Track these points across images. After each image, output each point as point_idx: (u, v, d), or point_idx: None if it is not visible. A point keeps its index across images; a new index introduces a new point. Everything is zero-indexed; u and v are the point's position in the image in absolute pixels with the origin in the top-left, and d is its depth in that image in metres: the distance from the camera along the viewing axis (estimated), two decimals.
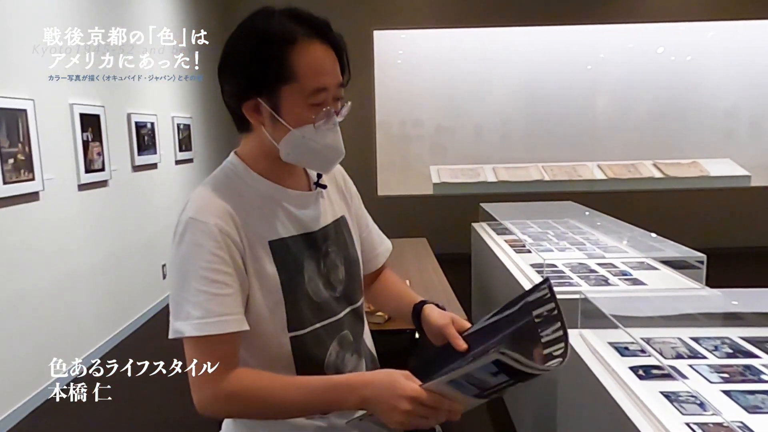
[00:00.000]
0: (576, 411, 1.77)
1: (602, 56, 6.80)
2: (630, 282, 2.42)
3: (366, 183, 6.38)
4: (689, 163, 6.75)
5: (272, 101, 0.96)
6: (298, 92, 0.95)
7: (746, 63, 6.65)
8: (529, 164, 6.84)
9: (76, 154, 3.56)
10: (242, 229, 0.97)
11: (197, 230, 0.94)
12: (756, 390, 1.35)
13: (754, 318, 1.80)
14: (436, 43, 6.75)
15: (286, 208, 1.04)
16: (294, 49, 0.94)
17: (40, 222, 3.21)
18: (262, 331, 1.00)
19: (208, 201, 0.98)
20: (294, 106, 0.96)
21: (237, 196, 1.00)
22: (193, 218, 0.95)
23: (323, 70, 0.96)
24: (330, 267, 1.08)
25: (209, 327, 0.92)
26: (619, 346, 1.64)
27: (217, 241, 0.94)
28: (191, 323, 0.92)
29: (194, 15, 5.66)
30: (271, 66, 0.94)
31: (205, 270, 0.93)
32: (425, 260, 3.22)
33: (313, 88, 0.95)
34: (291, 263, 1.02)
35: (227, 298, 0.93)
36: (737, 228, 6.42)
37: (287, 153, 1.00)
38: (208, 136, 6.03)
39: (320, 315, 1.05)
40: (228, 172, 1.05)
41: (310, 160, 1.03)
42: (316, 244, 1.07)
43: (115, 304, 4.05)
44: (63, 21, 3.42)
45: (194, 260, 0.93)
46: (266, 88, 0.95)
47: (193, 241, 0.94)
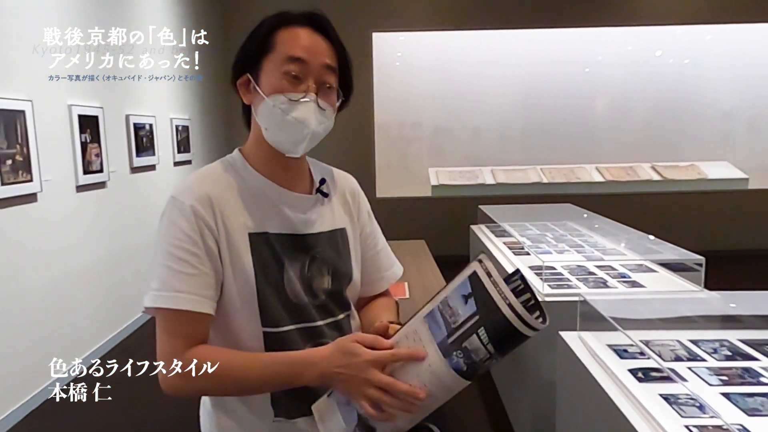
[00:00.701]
0: (575, 413, 1.77)
1: (600, 59, 6.82)
2: (629, 284, 2.42)
3: (364, 185, 6.24)
4: (687, 166, 6.76)
5: (256, 74, 1.01)
6: (274, 61, 0.99)
7: (744, 66, 6.67)
8: (528, 166, 6.85)
9: (74, 155, 3.55)
10: (221, 217, 0.99)
11: (174, 209, 0.98)
12: (755, 393, 1.35)
13: (753, 321, 1.80)
14: (434, 45, 6.77)
15: (276, 205, 1.05)
16: (282, 28, 1.00)
17: (38, 223, 3.21)
18: (236, 321, 1.02)
19: (192, 185, 1.01)
20: (269, 74, 0.99)
21: (225, 185, 1.03)
22: (174, 197, 0.99)
23: (301, 43, 0.99)
24: (314, 273, 1.07)
25: (161, 300, 0.95)
26: (618, 349, 1.64)
27: (190, 222, 0.96)
28: (149, 295, 0.96)
29: (193, 15, 5.66)
30: (258, 41, 1.00)
31: (172, 246, 0.96)
32: (424, 262, 3.21)
33: (286, 54, 0.98)
34: (270, 259, 1.02)
35: (189, 277, 0.95)
36: (735, 230, 6.43)
37: (265, 128, 1.02)
38: (206, 137, 6.03)
39: (296, 317, 1.04)
40: (225, 164, 1.08)
41: (280, 136, 1.01)
42: (304, 247, 1.06)
43: (113, 306, 4.04)
44: (62, 21, 3.42)
45: (166, 237, 0.97)
46: (252, 61, 1.01)
47: (169, 219, 0.98)
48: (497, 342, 0.77)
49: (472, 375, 0.81)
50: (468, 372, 0.80)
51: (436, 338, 0.82)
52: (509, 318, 0.75)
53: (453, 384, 0.83)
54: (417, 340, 0.85)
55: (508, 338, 0.77)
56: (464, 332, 0.79)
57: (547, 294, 2.32)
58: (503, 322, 0.75)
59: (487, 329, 0.77)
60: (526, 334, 0.76)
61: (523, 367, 2.49)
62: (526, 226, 3.63)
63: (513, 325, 0.75)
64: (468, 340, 0.78)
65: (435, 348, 0.82)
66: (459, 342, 0.79)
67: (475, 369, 0.80)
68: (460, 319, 0.79)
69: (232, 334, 1.02)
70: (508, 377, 2.86)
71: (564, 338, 1.80)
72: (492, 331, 0.77)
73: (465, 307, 0.78)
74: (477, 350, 0.78)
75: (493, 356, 0.78)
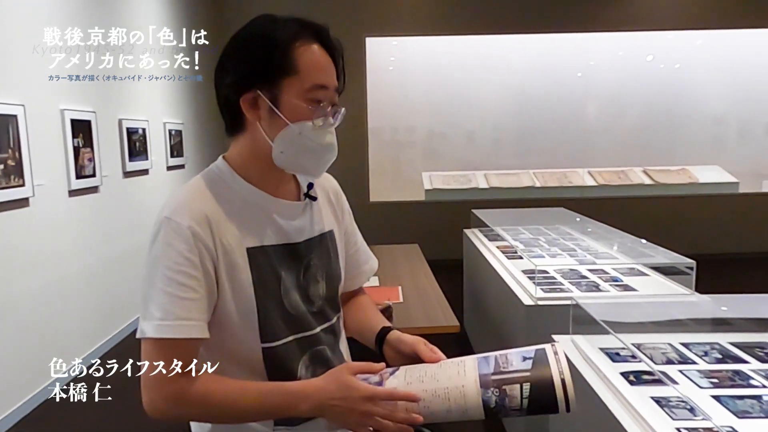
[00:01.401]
0: (568, 416, 1.78)
1: (592, 64, 6.87)
2: (621, 288, 2.44)
3: (358, 189, 6.39)
4: (678, 170, 6.81)
5: (272, 94, 0.97)
6: (298, 86, 0.96)
7: (734, 71, 6.74)
8: (521, 171, 6.88)
9: (66, 159, 3.54)
10: (218, 235, 0.96)
11: (170, 230, 0.94)
12: (745, 395, 1.36)
13: (743, 323, 1.82)
14: (428, 50, 6.79)
15: (270, 216, 1.03)
16: (297, 45, 0.96)
17: (31, 228, 3.19)
18: (234, 338, 1.00)
19: (185, 202, 0.97)
20: (293, 99, 0.96)
21: (218, 200, 0.99)
22: (168, 218, 0.95)
23: (323, 69, 0.98)
24: (310, 280, 1.07)
25: (167, 330, 0.92)
26: (610, 352, 1.65)
27: (189, 244, 0.93)
28: (152, 324, 0.92)
29: (189, 16, 5.65)
30: (274, 57, 0.95)
31: (171, 271, 0.92)
32: (417, 266, 3.22)
33: (313, 83, 0.96)
34: (268, 272, 1.00)
35: (190, 302, 0.93)
36: (726, 234, 6.47)
37: (281, 151, 0.99)
38: (200, 142, 6.02)
39: (295, 328, 1.04)
40: (213, 176, 1.04)
41: (303, 160, 1.01)
42: (298, 256, 1.05)
43: (105, 311, 4.02)
44: (56, 23, 3.40)
45: (163, 260, 0.93)
46: (267, 79, 0.96)
47: (165, 241, 0.94)
48: (534, 400, 0.84)
49: (493, 414, 0.87)
50: (493, 410, 0.86)
51: (481, 371, 0.88)
52: (556, 387, 0.83)
53: (473, 412, 0.87)
54: (461, 367, 0.90)
55: (543, 403, 0.84)
56: (510, 378, 0.86)
57: (540, 298, 2.33)
58: (549, 388, 0.84)
59: (532, 386, 0.84)
60: (560, 407, 0.84)
61: None
62: (519, 230, 3.65)
63: (555, 395, 0.83)
64: (510, 386, 0.85)
65: (476, 377, 0.88)
66: (500, 383, 0.86)
67: (499, 411, 0.86)
68: (511, 368, 0.86)
69: (229, 351, 1.00)
70: None
71: (556, 342, 1.81)
72: (535, 390, 0.84)
73: (521, 363, 0.86)
74: (513, 398, 0.85)
75: (522, 410, 0.85)
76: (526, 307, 2.29)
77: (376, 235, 1.20)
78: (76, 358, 3.55)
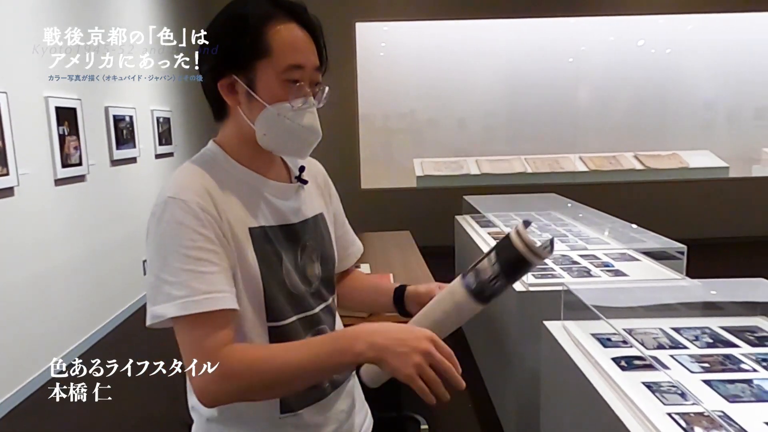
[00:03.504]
0: (559, 402, 1.78)
1: (584, 49, 6.84)
2: (612, 273, 2.44)
3: (349, 176, 6.36)
4: (669, 155, 6.83)
5: (248, 78, 0.96)
6: (272, 68, 0.95)
7: (725, 55, 6.74)
8: (512, 157, 6.87)
9: (52, 148, 3.48)
10: (222, 212, 0.95)
11: (177, 209, 0.90)
12: (735, 379, 1.36)
13: (733, 307, 1.82)
14: (418, 35, 6.73)
15: (266, 197, 1.03)
16: (270, 26, 0.95)
17: (16, 218, 3.14)
18: (243, 317, 0.98)
19: (188, 180, 0.96)
20: (269, 81, 0.95)
21: (217, 180, 0.98)
22: (173, 197, 0.92)
23: (298, 48, 0.96)
24: (306, 261, 1.06)
25: (194, 305, 0.87)
26: (602, 338, 1.65)
27: (200, 219, 0.90)
28: (174, 304, 0.87)
29: (174, 12, 5.57)
30: (247, 40, 0.94)
31: (187, 249, 0.89)
32: (409, 253, 3.21)
33: (287, 63, 0.95)
34: (270, 253, 1.00)
35: (213, 276, 0.89)
36: (716, 218, 6.52)
37: (263, 134, 0.98)
38: (188, 129, 5.95)
39: (297, 308, 1.03)
40: (207, 158, 1.03)
41: (285, 141, 1.00)
42: (296, 237, 1.05)
43: (94, 302, 3.98)
44: (39, 18, 3.34)
45: (175, 239, 0.89)
46: (241, 63, 0.95)
47: (173, 220, 0.90)
48: (502, 262, 0.89)
49: (479, 294, 0.92)
50: (476, 290, 0.92)
51: (462, 273, 0.95)
52: (513, 241, 0.88)
53: (462, 300, 0.93)
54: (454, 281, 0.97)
55: (511, 259, 0.89)
56: (480, 259, 0.93)
57: (531, 284, 2.33)
58: (508, 245, 0.88)
59: (497, 253, 0.91)
60: (528, 258, 0.87)
61: (508, 357, 2.50)
62: (511, 215, 3.64)
63: (516, 248, 0.87)
64: (480, 263, 0.92)
65: (459, 278, 0.95)
66: (474, 266, 0.93)
67: (482, 289, 0.91)
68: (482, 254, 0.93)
69: (237, 333, 0.96)
70: (494, 367, 2.88)
71: (548, 328, 1.81)
72: (499, 253, 0.90)
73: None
74: (485, 270, 0.91)
75: (499, 277, 0.90)
76: (518, 293, 2.28)
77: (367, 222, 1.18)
78: (65, 350, 3.53)
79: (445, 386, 0.83)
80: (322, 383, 1.04)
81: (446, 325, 0.96)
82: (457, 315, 0.95)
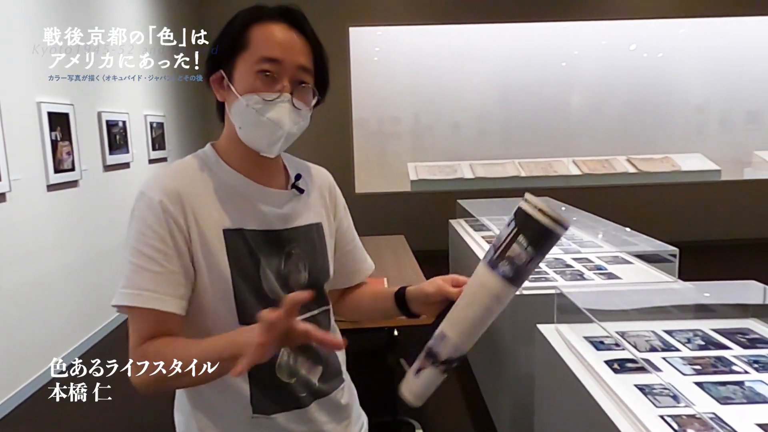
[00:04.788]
0: (553, 405, 1.79)
1: (576, 53, 6.88)
2: (605, 276, 2.45)
3: (343, 181, 6.29)
4: (661, 158, 6.87)
5: (229, 71, 0.99)
6: (248, 59, 0.97)
7: (716, 59, 6.79)
8: (506, 161, 6.89)
9: (44, 153, 3.46)
10: (192, 213, 0.97)
11: (143, 204, 0.96)
12: (727, 381, 1.37)
13: (725, 310, 1.83)
14: (412, 39, 6.76)
15: (251, 201, 1.03)
16: (256, 24, 0.98)
17: (8, 224, 3.13)
18: (212, 319, 1.00)
19: (161, 179, 0.99)
20: (243, 73, 0.98)
21: (197, 181, 1.01)
22: (143, 192, 0.97)
23: (276, 42, 0.98)
24: (291, 269, 1.06)
25: (126, 297, 0.93)
26: (595, 341, 1.66)
27: (158, 217, 0.94)
28: (118, 292, 0.95)
29: (168, 12, 5.56)
30: (232, 37, 0.98)
31: (139, 243, 0.94)
32: (403, 257, 3.21)
33: (260, 55, 0.97)
34: (245, 255, 1.00)
35: (153, 274, 0.93)
36: (708, 221, 6.55)
37: (239, 127, 1.00)
38: (182, 134, 5.94)
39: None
40: (197, 159, 1.05)
41: (254, 135, 1.00)
42: (279, 243, 1.05)
43: (87, 307, 3.96)
44: (31, 20, 3.33)
45: (134, 232, 0.95)
46: (226, 59, 0.99)
47: (137, 215, 0.96)
48: (533, 242, 0.89)
49: (517, 279, 0.92)
50: (514, 277, 0.91)
51: (486, 260, 0.94)
52: (541, 221, 0.88)
53: (501, 291, 0.93)
54: (474, 275, 0.96)
55: (540, 238, 0.89)
56: (507, 244, 0.91)
57: (525, 287, 2.33)
58: (535, 225, 0.89)
59: (525, 235, 0.90)
60: (557, 232, 0.89)
61: (502, 361, 2.50)
62: (505, 219, 3.64)
63: (545, 226, 0.88)
64: (510, 249, 0.91)
65: (485, 267, 0.94)
66: (503, 253, 0.91)
67: (520, 273, 0.91)
68: (504, 237, 0.92)
69: (206, 331, 0.99)
70: (488, 371, 2.88)
71: (542, 331, 1.81)
72: (529, 236, 0.90)
73: (507, 228, 0.92)
74: (519, 255, 0.90)
75: (533, 258, 0.90)
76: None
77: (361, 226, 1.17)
78: (60, 355, 3.51)
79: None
80: (296, 391, 1.03)
81: (488, 319, 0.95)
82: (499, 306, 0.94)
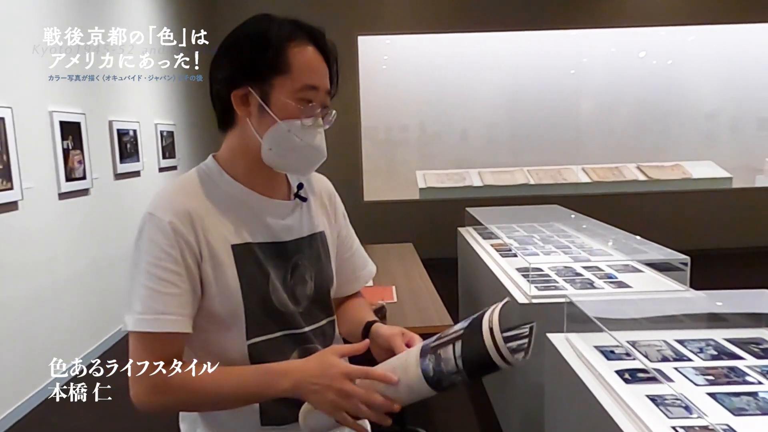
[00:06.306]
0: (563, 415, 1.77)
1: (585, 61, 6.87)
2: (615, 285, 2.43)
3: (352, 189, 6.37)
4: (672, 166, 6.82)
5: (263, 91, 0.98)
6: (289, 85, 0.97)
7: (726, 66, 6.75)
8: (515, 168, 6.87)
9: (56, 162, 3.50)
10: (202, 231, 0.97)
11: (153, 226, 0.96)
12: (741, 392, 1.35)
13: (738, 319, 1.81)
14: (420, 48, 6.78)
15: (257, 214, 1.03)
16: (292, 45, 0.98)
17: (20, 232, 3.15)
18: (220, 335, 1.00)
19: (168, 198, 0.99)
20: (283, 98, 0.97)
21: (204, 197, 1.01)
22: (151, 213, 0.97)
23: (315, 70, 0.99)
24: (297, 280, 1.06)
25: (145, 323, 0.94)
26: (605, 350, 1.64)
27: (169, 239, 0.95)
28: (133, 318, 0.95)
29: (181, 15, 5.62)
30: (268, 55, 0.97)
31: (152, 266, 0.94)
32: (411, 265, 3.20)
33: (304, 83, 0.97)
34: (255, 270, 1.00)
35: (170, 297, 0.94)
36: (720, 229, 6.49)
37: (269, 148, 1.00)
38: (192, 142, 5.98)
39: (283, 324, 1.03)
40: (200, 173, 1.05)
41: (290, 159, 1.02)
42: (286, 255, 1.05)
43: (98, 315, 3.98)
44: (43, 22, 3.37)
45: (145, 255, 0.95)
46: (259, 76, 0.97)
47: (147, 237, 0.96)
48: (467, 359, 0.80)
49: (436, 384, 0.83)
50: (433, 379, 0.83)
51: (425, 343, 0.87)
52: (485, 340, 0.78)
53: (418, 385, 0.85)
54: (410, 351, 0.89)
55: (477, 359, 0.80)
56: (445, 341, 0.83)
57: (534, 296, 2.32)
58: (478, 342, 0.79)
59: (463, 344, 0.81)
60: (495, 361, 0.79)
61: (511, 370, 2.48)
62: (513, 227, 3.64)
63: (486, 348, 0.78)
64: (443, 348, 0.83)
65: (418, 348, 0.87)
66: (436, 348, 0.84)
67: (440, 379, 0.82)
68: (450, 332, 0.84)
69: (214, 348, 1.00)
70: (497, 380, 2.86)
71: (551, 340, 1.80)
72: (466, 347, 0.80)
73: (461, 326, 0.84)
74: (447, 360, 0.82)
75: (459, 372, 0.81)
76: (521, 305, 2.27)
77: (370, 234, 1.18)
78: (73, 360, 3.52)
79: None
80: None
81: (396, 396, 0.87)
82: (408, 394, 0.87)
